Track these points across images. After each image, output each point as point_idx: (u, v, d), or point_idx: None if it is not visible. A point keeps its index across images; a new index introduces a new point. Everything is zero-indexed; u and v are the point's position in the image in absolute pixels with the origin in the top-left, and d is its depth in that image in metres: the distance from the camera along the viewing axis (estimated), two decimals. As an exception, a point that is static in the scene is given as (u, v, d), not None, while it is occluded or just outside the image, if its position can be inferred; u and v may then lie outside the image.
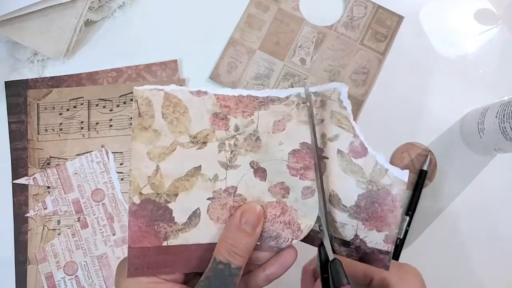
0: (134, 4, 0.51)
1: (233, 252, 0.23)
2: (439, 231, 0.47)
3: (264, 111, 0.27)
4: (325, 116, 0.27)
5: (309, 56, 0.50)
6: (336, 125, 0.27)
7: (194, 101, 0.26)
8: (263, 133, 0.26)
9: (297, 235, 0.26)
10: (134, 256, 0.24)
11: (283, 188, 0.27)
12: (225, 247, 0.24)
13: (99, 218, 0.47)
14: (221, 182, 0.26)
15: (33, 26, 0.47)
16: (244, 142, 0.26)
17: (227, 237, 0.24)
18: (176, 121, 0.26)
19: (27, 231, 0.46)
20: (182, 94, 0.26)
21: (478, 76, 0.50)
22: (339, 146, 0.27)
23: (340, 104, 0.26)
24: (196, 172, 0.26)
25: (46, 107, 0.49)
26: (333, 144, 0.27)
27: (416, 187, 0.47)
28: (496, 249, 0.47)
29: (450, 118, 0.49)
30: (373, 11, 0.50)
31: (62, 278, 0.46)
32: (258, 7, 0.50)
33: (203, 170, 0.26)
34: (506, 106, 0.41)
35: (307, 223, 0.26)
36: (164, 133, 0.26)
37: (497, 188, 0.48)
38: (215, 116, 0.26)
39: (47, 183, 0.47)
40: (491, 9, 0.51)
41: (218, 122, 0.26)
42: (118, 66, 0.49)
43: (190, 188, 0.26)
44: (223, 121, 0.26)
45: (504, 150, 0.44)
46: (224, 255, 0.23)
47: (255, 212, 0.24)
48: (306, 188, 0.26)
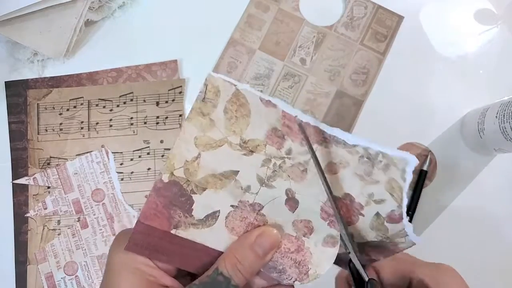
0: (134, 4, 0.51)
1: (237, 268, 0.22)
2: (439, 231, 0.47)
3: (324, 148, 0.25)
4: (381, 179, 0.25)
5: (309, 56, 0.50)
6: (387, 191, 0.25)
7: (260, 109, 0.25)
8: (313, 168, 0.25)
9: (302, 278, 0.25)
10: (139, 232, 0.24)
11: (308, 227, 0.26)
12: (231, 261, 0.23)
13: (99, 218, 0.47)
14: (251, 195, 0.25)
15: (33, 26, 0.47)
16: (290, 168, 0.25)
17: (236, 251, 0.23)
18: (235, 120, 0.25)
19: (27, 231, 0.47)
20: (251, 98, 0.25)
21: (478, 76, 0.50)
22: (380, 209, 0.25)
23: (402, 174, 0.25)
24: (232, 176, 0.25)
25: (46, 107, 0.49)
26: (376, 207, 0.25)
27: (416, 187, 0.47)
28: (496, 249, 0.47)
29: (450, 118, 0.49)
30: (373, 11, 0.50)
31: (62, 278, 0.46)
32: (258, 7, 0.50)
33: (239, 177, 0.25)
34: (506, 106, 0.41)
35: (316, 271, 0.25)
36: (218, 126, 0.25)
37: (497, 188, 0.48)
38: (274, 132, 0.25)
39: (47, 183, 0.47)
40: (491, 9, 0.51)
41: (274, 138, 0.25)
42: (118, 66, 0.49)
43: (219, 188, 0.25)
44: (279, 139, 0.25)
45: (504, 150, 0.44)
46: (227, 268, 0.22)
47: (272, 237, 0.23)
48: (330, 237, 0.25)
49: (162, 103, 0.49)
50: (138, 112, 0.49)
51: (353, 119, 0.48)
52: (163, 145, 0.48)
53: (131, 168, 0.48)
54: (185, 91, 0.49)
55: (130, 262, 0.22)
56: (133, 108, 0.49)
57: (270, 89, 0.49)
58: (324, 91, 0.49)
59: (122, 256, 0.22)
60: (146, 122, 0.48)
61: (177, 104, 0.49)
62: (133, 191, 0.47)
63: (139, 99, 0.49)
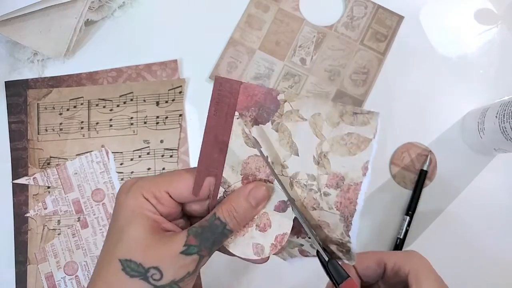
0: (134, 4, 0.51)
1: (233, 215, 0.25)
2: (439, 231, 0.47)
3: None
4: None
5: (309, 56, 0.50)
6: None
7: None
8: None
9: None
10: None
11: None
12: (227, 208, 0.26)
13: (99, 218, 0.47)
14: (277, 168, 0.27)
15: (33, 26, 0.47)
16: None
17: (232, 201, 0.26)
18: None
19: (27, 231, 0.47)
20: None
21: (478, 76, 0.50)
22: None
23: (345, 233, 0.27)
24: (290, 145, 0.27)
25: (46, 107, 0.49)
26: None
27: (416, 187, 0.47)
28: (495, 248, 0.47)
29: (450, 118, 0.49)
30: (373, 11, 0.50)
31: (62, 278, 0.46)
32: (258, 7, 0.50)
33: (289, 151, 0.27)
34: (506, 106, 0.41)
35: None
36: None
37: (497, 188, 0.48)
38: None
39: (47, 183, 0.47)
40: (491, 9, 0.51)
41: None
42: (118, 66, 0.49)
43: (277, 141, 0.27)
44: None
45: (504, 150, 0.44)
46: (224, 214, 0.25)
47: (264, 191, 0.26)
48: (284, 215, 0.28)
49: (162, 103, 0.49)
50: (138, 112, 0.49)
51: (353, 119, 0.48)
52: (163, 145, 0.48)
53: (131, 168, 0.48)
54: (185, 91, 0.49)
55: (138, 208, 0.25)
56: (133, 108, 0.49)
57: (270, 89, 0.49)
58: (324, 91, 0.49)
59: (131, 202, 0.25)
60: (146, 122, 0.48)
61: (177, 104, 0.49)
62: (133, 191, 0.47)
63: (139, 99, 0.49)
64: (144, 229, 0.24)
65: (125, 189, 0.26)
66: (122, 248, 0.24)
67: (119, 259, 0.24)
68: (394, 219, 0.47)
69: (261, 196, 0.26)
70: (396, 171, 0.48)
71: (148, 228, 0.24)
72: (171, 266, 0.24)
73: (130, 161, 0.48)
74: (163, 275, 0.24)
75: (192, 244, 0.24)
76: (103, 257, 0.25)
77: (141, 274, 0.23)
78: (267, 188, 0.27)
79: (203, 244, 0.24)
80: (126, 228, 0.24)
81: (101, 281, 0.24)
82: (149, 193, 0.25)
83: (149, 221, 0.25)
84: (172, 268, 0.24)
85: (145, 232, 0.24)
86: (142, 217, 0.25)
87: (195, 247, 0.24)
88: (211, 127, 0.27)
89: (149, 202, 0.25)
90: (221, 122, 0.27)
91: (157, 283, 0.23)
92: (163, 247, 0.24)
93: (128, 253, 0.24)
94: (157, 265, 0.23)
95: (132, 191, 0.25)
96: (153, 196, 0.25)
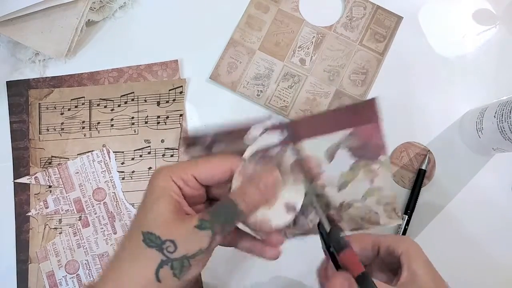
0: (135, 5, 0.52)
1: (243, 198, 0.28)
2: (438, 230, 0.47)
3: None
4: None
5: (308, 57, 0.50)
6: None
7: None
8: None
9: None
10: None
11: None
12: (240, 191, 0.28)
13: (100, 217, 0.47)
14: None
15: (35, 26, 0.48)
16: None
17: (245, 186, 0.29)
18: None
19: (28, 230, 0.47)
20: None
21: (477, 76, 0.50)
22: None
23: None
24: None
25: (47, 106, 0.49)
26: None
27: (414, 186, 0.47)
28: (494, 248, 0.47)
29: (448, 117, 0.49)
30: (372, 11, 0.51)
31: (63, 276, 0.46)
32: (258, 8, 0.51)
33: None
34: (504, 106, 0.41)
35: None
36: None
37: (495, 187, 0.48)
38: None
39: (48, 182, 0.48)
40: (490, 10, 0.51)
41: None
42: (119, 66, 0.50)
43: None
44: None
45: (503, 149, 0.44)
46: (237, 197, 0.28)
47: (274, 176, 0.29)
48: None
49: (163, 103, 0.49)
50: (139, 111, 0.49)
51: (352, 118, 0.49)
52: (164, 144, 0.48)
53: (132, 167, 0.48)
54: (185, 91, 0.49)
55: (165, 189, 0.28)
56: (134, 107, 0.49)
57: (270, 89, 0.49)
58: (324, 91, 0.49)
59: (160, 184, 0.28)
60: (147, 121, 0.49)
61: (177, 104, 0.49)
62: (134, 190, 0.47)
63: (140, 99, 0.49)
64: (167, 208, 0.27)
65: (156, 173, 0.29)
66: (145, 222, 0.27)
67: (142, 231, 0.26)
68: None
69: (271, 181, 0.29)
70: (395, 170, 0.48)
71: (171, 207, 0.27)
72: (185, 240, 0.26)
73: (131, 160, 0.48)
74: (177, 248, 0.26)
75: (205, 219, 0.27)
76: (130, 229, 0.28)
77: (157, 245, 0.26)
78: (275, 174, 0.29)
79: (215, 220, 0.27)
80: (152, 206, 0.27)
81: (124, 249, 0.27)
82: (177, 176, 0.28)
83: (172, 201, 0.27)
84: (185, 242, 0.26)
85: (167, 210, 0.27)
86: (167, 197, 0.27)
87: (208, 222, 0.26)
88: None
89: (176, 185, 0.28)
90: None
91: (171, 255, 0.26)
92: (180, 223, 0.27)
93: (150, 226, 0.26)
94: (173, 238, 0.26)
95: (163, 174, 0.28)
96: (181, 178, 0.28)
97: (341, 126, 0.29)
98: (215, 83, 0.49)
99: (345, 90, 0.49)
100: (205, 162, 0.30)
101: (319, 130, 0.29)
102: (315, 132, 0.29)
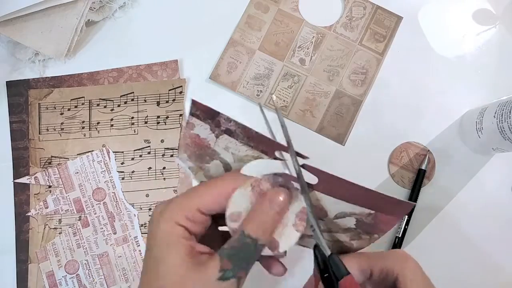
0: (134, 5, 0.52)
1: (262, 229, 0.25)
2: (438, 230, 0.47)
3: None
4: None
5: (308, 57, 0.50)
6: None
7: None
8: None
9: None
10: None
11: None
12: (256, 223, 0.25)
13: (100, 217, 0.47)
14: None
15: (35, 26, 0.48)
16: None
17: (257, 214, 0.25)
18: None
19: (28, 230, 0.47)
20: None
21: (477, 76, 0.50)
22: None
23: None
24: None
25: (47, 107, 0.49)
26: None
27: (414, 186, 0.47)
28: (494, 248, 0.47)
29: (448, 117, 0.49)
30: (372, 11, 0.51)
31: (63, 276, 0.46)
32: (257, 8, 0.51)
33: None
34: (504, 106, 0.41)
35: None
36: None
37: (495, 187, 0.48)
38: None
39: (48, 182, 0.48)
40: (490, 9, 0.51)
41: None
42: (119, 66, 0.50)
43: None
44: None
45: (502, 149, 0.44)
46: (254, 230, 0.25)
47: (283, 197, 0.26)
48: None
49: (162, 103, 0.49)
50: (139, 111, 0.49)
51: (352, 118, 0.49)
52: (164, 144, 0.48)
53: (132, 168, 0.48)
54: (185, 91, 0.49)
55: (172, 236, 0.24)
56: (134, 107, 0.49)
57: (269, 89, 0.49)
58: (323, 91, 0.49)
59: (164, 231, 0.25)
60: (146, 121, 0.49)
61: (177, 104, 0.49)
62: (134, 190, 0.47)
63: (139, 99, 0.49)
64: (179, 258, 0.24)
65: (157, 216, 0.25)
66: (158, 280, 0.24)
67: None
68: (393, 218, 0.48)
69: (282, 201, 0.26)
70: (394, 170, 0.48)
71: (183, 256, 0.24)
72: None
73: (131, 160, 0.48)
74: None
75: (227, 268, 0.24)
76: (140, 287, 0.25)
77: None
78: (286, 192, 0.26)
79: (238, 266, 0.24)
80: (161, 259, 0.24)
81: None
82: (181, 217, 0.25)
83: (183, 248, 0.24)
84: None
85: (181, 261, 0.24)
86: (176, 245, 0.24)
87: (231, 271, 0.24)
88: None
89: (183, 227, 0.25)
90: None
91: None
92: (199, 276, 0.23)
93: (165, 285, 0.23)
94: None
95: (164, 218, 0.25)
96: (186, 218, 0.25)
97: (366, 204, 0.26)
98: (215, 83, 0.49)
99: (345, 90, 0.49)
100: (208, 189, 0.26)
101: (342, 194, 0.26)
102: (337, 193, 0.26)
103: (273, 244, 0.26)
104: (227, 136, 0.26)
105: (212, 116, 0.26)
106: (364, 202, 0.26)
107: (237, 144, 0.26)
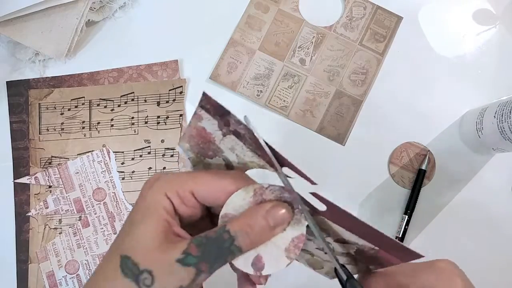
0: (135, 5, 0.52)
1: (245, 232, 0.23)
2: (438, 230, 0.47)
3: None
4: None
5: (308, 57, 0.50)
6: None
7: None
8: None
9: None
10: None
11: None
12: (241, 223, 0.23)
13: (100, 217, 0.47)
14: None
15: (35, 26, 0.48)
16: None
17: (247, 216, 0.23)
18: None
19: (28, 230, 0.47)
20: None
21: (477, 76, 0.50)
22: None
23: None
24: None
25: (47, 107, 0.49)
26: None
27: (414, 186, 0.47)
28: (494, 248, 0.47)
29: (448, 117, 0.49)
30: (372, 11, 0.51)
31: (63, 276, 0.46)
32: (258, 8, 0.51)
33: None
34: (504, 106, 0.41)
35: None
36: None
37: (495, 187, 0.48)
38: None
39: (48, 182, 0.48)
40: (490, 10, 0.51)
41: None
42: (119, 66, 0.50)
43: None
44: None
45: (502, 149, 0.44)
46: (235, 228, 0.23)
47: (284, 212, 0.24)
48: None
49: (163, 103, 0.49)
50: (139, 112, 0.49)
51: (352, 119, 0.49)
52: (164, 144, 0.48)
53: (132, 168, 0.48)
54: (185, 91, 0.49)
55: (155, 206, 0.24)
56: (134, 108, 0.49)
57: (269, 89, 0.49)
58: (324, 91, 0.49)
59: (150, 198, 0.24)
60: (147, 121, 0.49)
61: (177, 104, 0.49)
62: (134, 190, 0.48)
63: (140, 99, 0.49)
64: (152, 229, 0.23)
65: (150, 183, 0.24)
66: (126, 244, 0.23)
67: (120, 255, 0.22)
68: (393, 218, 0.48)
69: (281, 216, 0.23)
70: (394, 170, 0.48)
71: (157, 228, 0.23)
72: (164, 273, 0.22)
73: (131, 160, 0.48)
74: (153, 282, 0.22)
75: (192, 254, 0.22)
76: (109, 249, 0.24)
77: (133, 275, 0.22)
78: (288, 209, 0.24)
79: (203, 257, 0.22)
80: (136, 224, 0.23)
81: (101, 274, 0.23)
82: (173, 191, 0.24)
83: (160, 221, 0.23)
84: (164, 275, 0.22)
85: (152, 232, 0.23)
86: (155, 215, 0.23)
87: (194, 257, 0.22)
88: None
89: (170, 201, 0.24)
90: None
91: None
92: (163, 251, 0.22)
93: (130, 250, 0.22)
94: (151, 269, 0.22)
95: (156, 186, 0.24)
96: (177, 194, 0.24)
97: (372, 242, 0.25)
98: (215, 83, 0.49)
99: (345, 90, 0.49)
100: (210, 177, 0.24)
101: (349, 227, 0.25)
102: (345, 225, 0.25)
103: (258, 261, 0.24)
104: (234, 137, 0.25)
105: (222, 114, 0.25)
106: (371, 239, 0.25)
107: (243, 148, 0.25)
